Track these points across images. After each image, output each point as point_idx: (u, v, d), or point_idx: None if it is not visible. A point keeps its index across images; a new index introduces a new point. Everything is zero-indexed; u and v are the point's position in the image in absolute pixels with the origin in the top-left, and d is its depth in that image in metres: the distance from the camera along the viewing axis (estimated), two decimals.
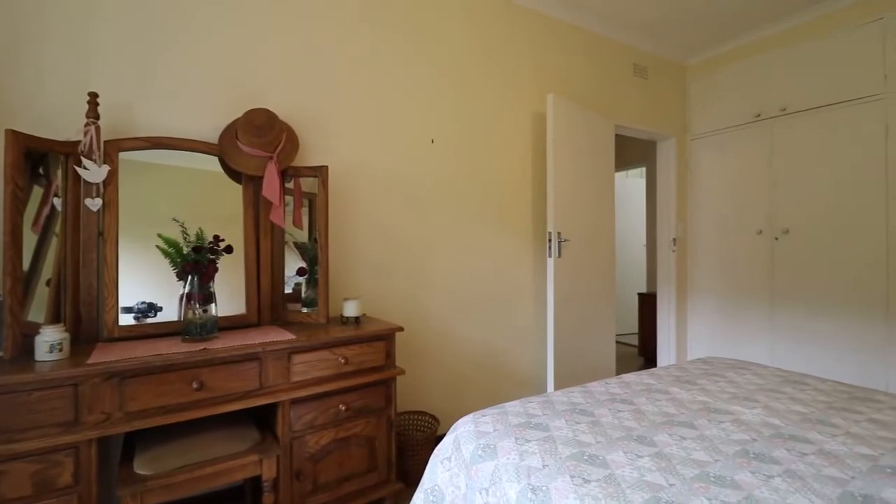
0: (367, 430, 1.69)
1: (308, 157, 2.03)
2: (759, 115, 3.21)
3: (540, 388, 2.82)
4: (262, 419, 1.61)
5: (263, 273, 1.81)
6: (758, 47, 3.26)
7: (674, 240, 3.63)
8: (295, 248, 2.04)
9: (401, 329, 1.77)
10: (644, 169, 4.85)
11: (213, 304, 1.54)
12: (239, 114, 1.79)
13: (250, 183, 1.80)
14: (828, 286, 2.84)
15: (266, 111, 1.76)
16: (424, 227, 2.38)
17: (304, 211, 2.01)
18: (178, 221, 1.64)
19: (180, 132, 1.73)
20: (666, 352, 3.65)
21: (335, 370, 1.60)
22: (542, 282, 2.84)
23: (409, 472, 1.97)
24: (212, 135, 1.79)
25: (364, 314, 1.91)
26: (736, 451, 1.06)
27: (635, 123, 3.35)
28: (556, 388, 2.53)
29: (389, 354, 1.75)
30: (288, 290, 1.97)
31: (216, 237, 1.59)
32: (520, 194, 2.78)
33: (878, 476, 0.97)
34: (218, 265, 1.57)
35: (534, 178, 2.83)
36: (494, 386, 2.64)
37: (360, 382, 1.66)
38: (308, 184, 1.91)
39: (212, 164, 1.77)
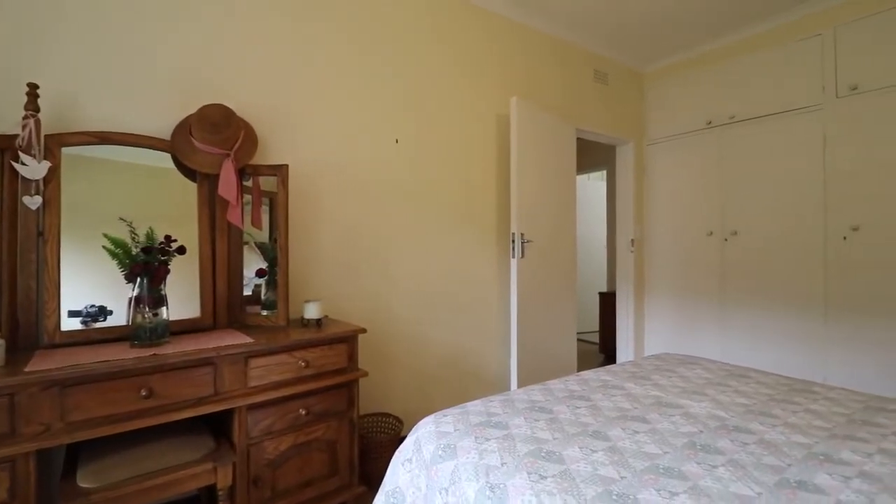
0: (328, 434, 1.67)
1: (268, 155, 1.98)
2: (710, 123, 3.37)
3: (505, 387, 2.86)
4: (218, 426, 1.55)
5: (220, 275, 1.75)
6: (709, 58, 3.42)
7: (632, 241, 3.76)
8: (256, 249, 1.99)
9: (363, 331, 1.75)
10: (605, 172, 5.01)
11: (164, 308, 1.48)
12: (194, 109, 1.72)
13: (206, 181, 1.74)
14: (772, 285, 3.02)
15: (222, 107, 1.70)
16: (389, 227, 2.37)
17: (266, 210, 1.97)
18: (125, 221, 1.56)
19: (131, 127, 1.65)
20: (625, 349, 3.78)
21: (295, 374, 1.57)
22: (506, 282, 2.88)
23: (373, 475, 1.95)
24: (165, 130, 1.71)
25: (326, 316, 1.88)
26: (684, 443, 1.11)
27: (595, 128, 3.45)
28: (520, 386, 2.57)
29: (352, 356, 1.73)
30: (248, 292, 1.92)
31: (168, 237, 1.52)
32: (484, 195, 2.81)
33: (812, 462, 1.03)
34: (170, 267, 1.50)
35: (498, 180, 2.86)
36: (460, 386, 2.65)
37: (322, 386, 1.63)
38: (268, 183, 1.87)
39: (164, 161, 1.70)
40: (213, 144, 1.67)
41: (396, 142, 2.40)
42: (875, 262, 2.58)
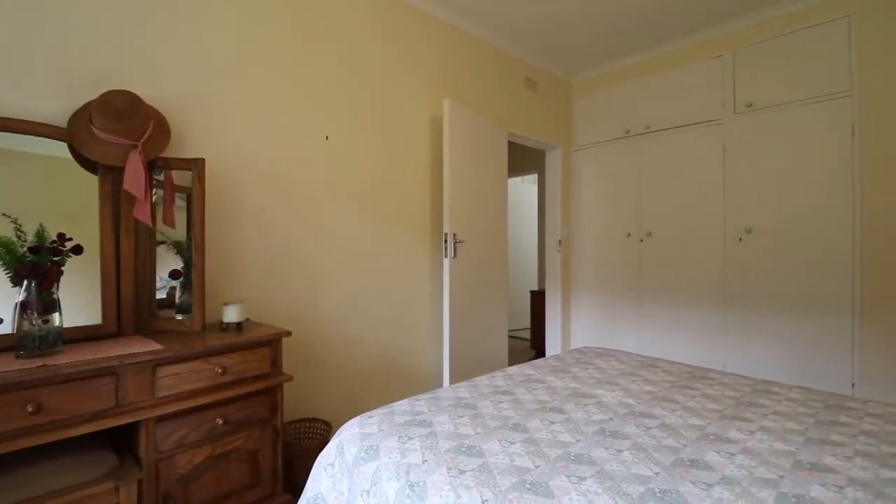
0: (249, 443, 1.59)
1: (184, 147, 1.85)
2: (628, 132, 3.63)
3: (438, 385, 2.88)
4: (126, 441, 1.43)
5: (125, 277, 1.61)
6: (629, 72, 3.68)
7: (559, 241, 3.95)
8: (173, 249, 1.86)
9: (288, 333, 1.69)
10: (536, 176, 5.21)
11: (56, 314, 1.33)
12: (96, 95, 1.57)
13: (109, 174, 1.59)
14: (681, 282, 3.30)
15: (128, 93, 1.57)
16: (318, 226, 2.31)
17: (183, 207, 1.84)
18: (9, 217, 1.39)
19: (19, 111, 1.47)
20: (553, 344, 3.95)
21: (211, 381, 1.48)
22: (439, 281, 2.90)
23: (300, 483, 1.88)
24: (61, 117, 1.55)
25: (248, 319, 1.80)
26: (595, 430, 1.19)
27: (526, 132, 3.58)
28: (452, 384, 2.60)
29: (275, 361, 1.66)
30: (163, 295, 1.78)
31: (61, 235, 1.37)
32: (417, 196, 2.82)
33: (705, 442, 1.14)
34: (63, 269, 1.36)
35: (431, 181, 2.88)
36: (393, 386, 2.64)
37: (242, 393, 1.55)
38: (185, 178, 1.74)
39: (59, 150, 1.54)
40: (118, 134, 1.53)
41: (326, 139, 2.34)
42: (764, 260, 2.91)
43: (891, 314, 2.48)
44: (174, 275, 1.80)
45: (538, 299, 4.52)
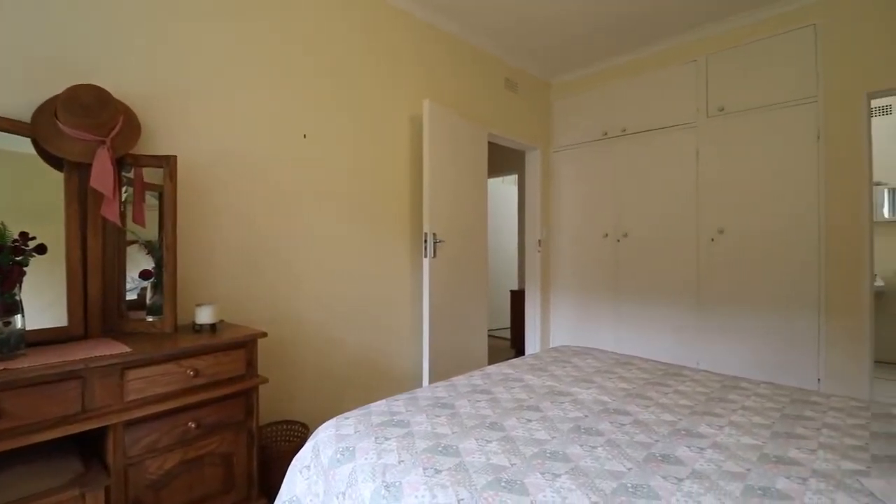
0: (223, 447, 1.56)
1: (156, 144, 1.80)
2: (605, 134, 3.69)
3: (418, 385, 2.88)
4: (92, 447, 1.38)
5: (93, 277, 1.56)
6: (607, 75, 3.74)
7: (539, 241, 3.99)
8: (143, 249, 1.80)
9: (264, 335, 1.66)
10: (517, 176, 5.24)
11: (18, 316, 1.28)
12: (62, 89, 1.51)
13: (75, 171, 1.54)
14: (657, 281, 3.37)
15: (95, 88, 1.52)
16: (296, 225, 2.28)
17: (155, 206, 1.79)
18: None
19: None
20: (532, 343, 3.99)
21: (183, 384, 1.44)
22: (419, 281, 2.90)
23: (276, 487, 1.84)
24: (24, 111, 1.49)
25: (222, 320, 1.76)
26: (570, 427, 1.20)
27: (506, 133, 3.60)
28: (431, 383, 2.60)
29: (251, 363, 1.63)
30: (134, 296, 1.73)
31: (23, 234, 1.32)
32: (397, 195, 2.80)
33: (676, 438, 1.17)
34: (26, 269, 1.31)
35: (411, 180, 2.87)
36: (373, 387, 2.62)
37: (215, 396, 1.52)
38: (157, 175, 1.70)
39: (23, 145, 1.48)
40: (85, 129, 1.48)
41: (304, 137, 2.31)
42: (735, 260, 2.99)
43: (852, 313, 2.58)
44: (145, 275, 1.75)
45: (518, 299, 4.55)
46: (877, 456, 1.07)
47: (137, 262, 1.74)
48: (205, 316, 1.64)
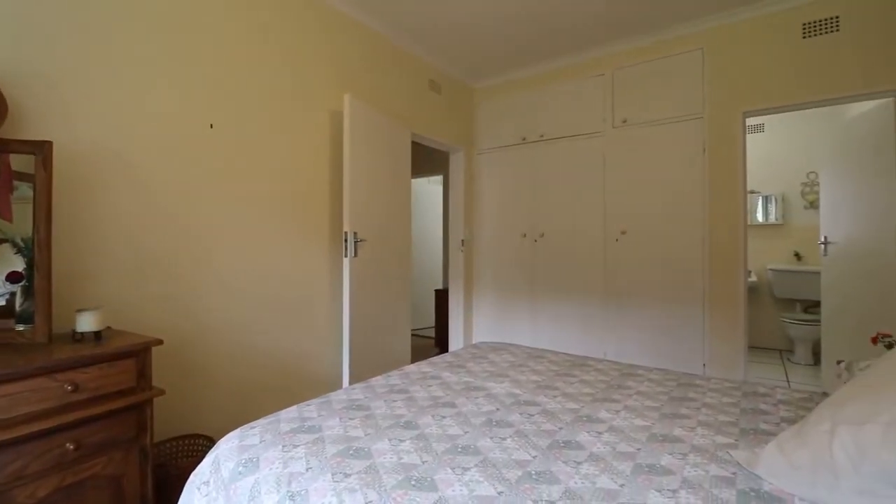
0: (110, 469, 1.40)
1: (28, 128, 1.58)
2: (524, 139, 3.85)
3: (338, 388, 2.80)
4: None
5: None
6: (526, 83, 3.90)
7: (462, 241, 4.07)
8: (12, 248, 1.57)
9: (159, 342, 1.51)
10: (442, 176, 5.30)
11: None
12: None
13: None
14: (569, 279, 3.58)
15: None
16: (202, 223, 2.11)
17: (29, 199, 1.56)
18: None
19: None
20: (456, 341, 4.06)
21: (58, 401, 1.27)
22: (339, 281, 2.82)
23: None
24: None
25: (109, 327, 1.58)
26: (482, 421, 1.24)
27: (430, 133, 3.63)
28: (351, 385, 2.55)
29: (143, 373, 1.48)
30: (3, 301, 1.49)
31: None
32: (316, 192, 2.71)
33: (578, 424, 1.24)
34: None
35: (331, 178, 2.79)
36: (290, 392, 2.50)
37: (100, 412, 1.36)
38: (29, 163, 1.48)
39: None
40: None
41: (211, 127, 2.15)
42: (635, 259, 3.28)
43: (730, 305, 2.94)
44: (13, 277, 1.53)
45: (443, 298, 4.60)
46: (744, 430, 1.22)
47: (5, 262, 1.51)
48: (87, 323, 1.46)
